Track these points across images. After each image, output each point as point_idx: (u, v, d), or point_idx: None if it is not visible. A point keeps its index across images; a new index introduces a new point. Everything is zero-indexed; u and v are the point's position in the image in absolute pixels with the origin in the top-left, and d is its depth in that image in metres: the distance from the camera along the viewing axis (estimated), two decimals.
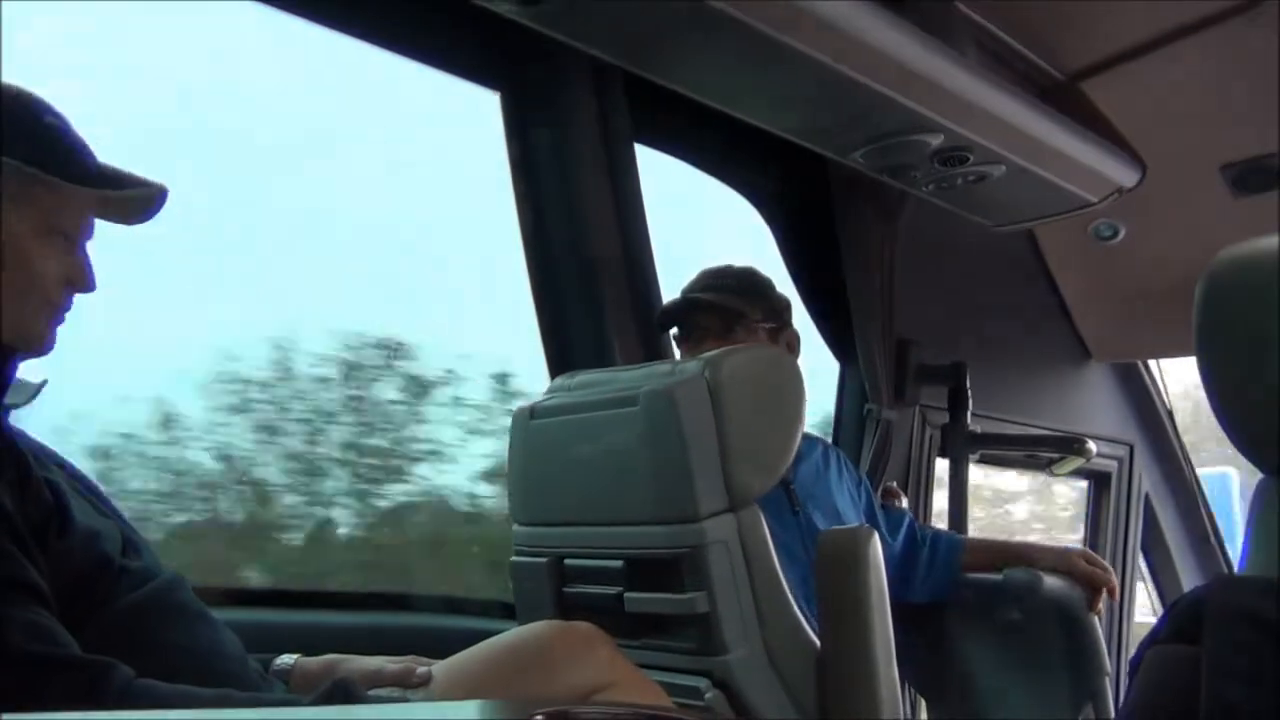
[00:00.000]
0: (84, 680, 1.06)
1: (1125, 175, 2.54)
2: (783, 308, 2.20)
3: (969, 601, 2.29)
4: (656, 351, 2.31)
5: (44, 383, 1.31)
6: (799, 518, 2.05)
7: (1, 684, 1.04)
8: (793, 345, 2.20)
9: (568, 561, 1.79)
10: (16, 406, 1.26)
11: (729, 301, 2.10)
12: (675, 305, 2.17)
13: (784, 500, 2.05)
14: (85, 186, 1.26)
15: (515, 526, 1.90)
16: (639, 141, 2.40)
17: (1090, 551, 2.21)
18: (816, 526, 1.98)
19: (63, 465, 1.31)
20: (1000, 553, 2.29)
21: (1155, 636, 0.96)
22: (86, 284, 1.29)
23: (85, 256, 1.30)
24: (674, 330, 2.18)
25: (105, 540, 1.23)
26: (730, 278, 2.17)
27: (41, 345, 1.27)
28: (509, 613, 1.99)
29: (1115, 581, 2.16)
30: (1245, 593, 0.92)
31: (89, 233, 1.31)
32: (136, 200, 1.33)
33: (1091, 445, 2.83)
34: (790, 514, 2.05)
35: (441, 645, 1.51)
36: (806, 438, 2.20)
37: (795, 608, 1.64)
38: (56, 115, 1.28)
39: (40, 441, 1.30)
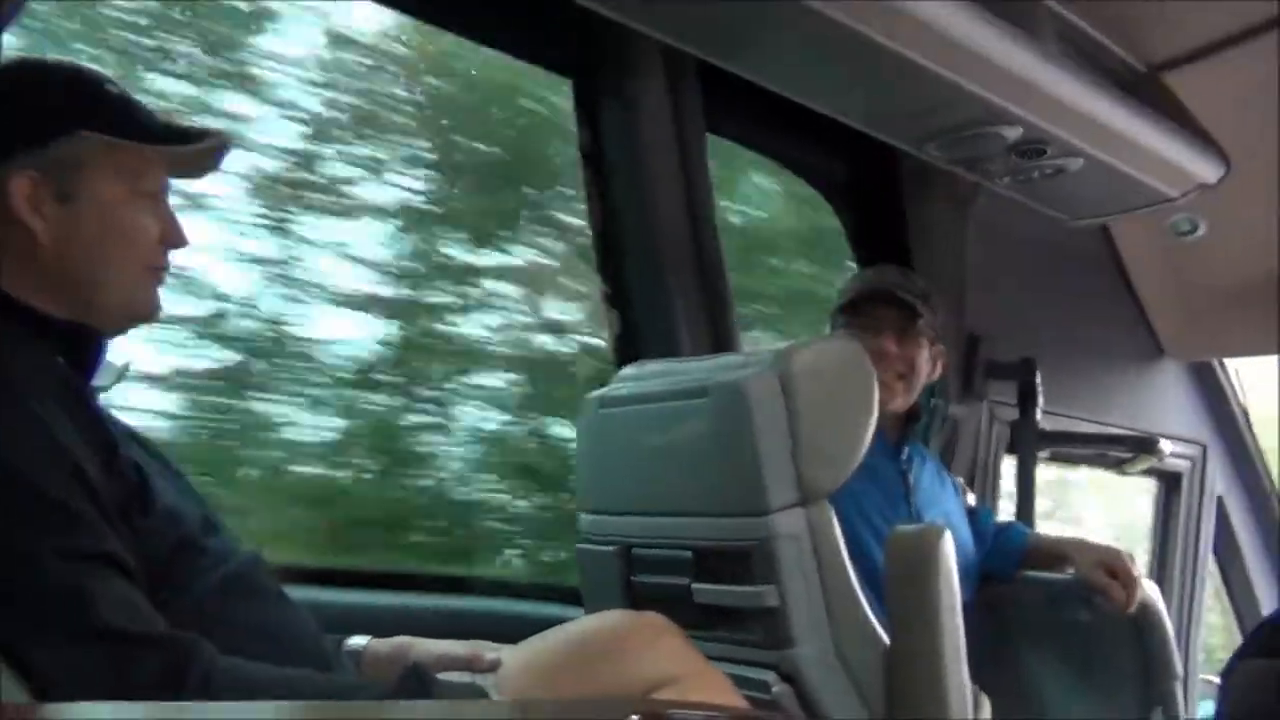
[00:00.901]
0: (169, 657, 1.08)
1: (1208, 170, 2.48)
2: (940, 328, 2.25)
3: (1037, 601, 2.26)
4: (726, 342, 2.31)
5: (127, 365, 1.34)
6: (911, 512, 2.08)
7: (88, 658, 1.06)
8: (940, 364, 2.24)
9: (636, 551, 1.79)
10: (105, 389, 1.29)
11: (916, 304, 2.16)
12: (868, 291, 2.19)
13: (900, 489, 2.10)
14: (162, 145, 1.28)
15: (582, 515, 1.91)
16: (711, 131, 2.39)
17: (1117, 561, 2.12)
18: None
19: (145, 445, 1.33)
20: (1050, 548, 2.27)
21: (1245, 650, 0.95)
22: (181, 239, 1.31)
23: (171, 212, 1.31)
24: (842, 317, 2.20)
25: (186, 520, 1.25)
26: (916, 282, 2.24)
27: (152, 311, 1.30)
28: (572, 598, 2.00)
29: (1121, 596, 2.08)
30: None
31: (167, 189, 1.33)
32: (205, 153, 1.35)
33: (1164, 445, 2.78)
34: (904, 503, 2.09)
35: (505, 628, 1.53)
36: (917, 447, 2.21)
37: (865, 604, 1.63)
38: (114, 83, 1.31)
39: (125, 421, 1.33)
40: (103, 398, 1.29)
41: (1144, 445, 2.79)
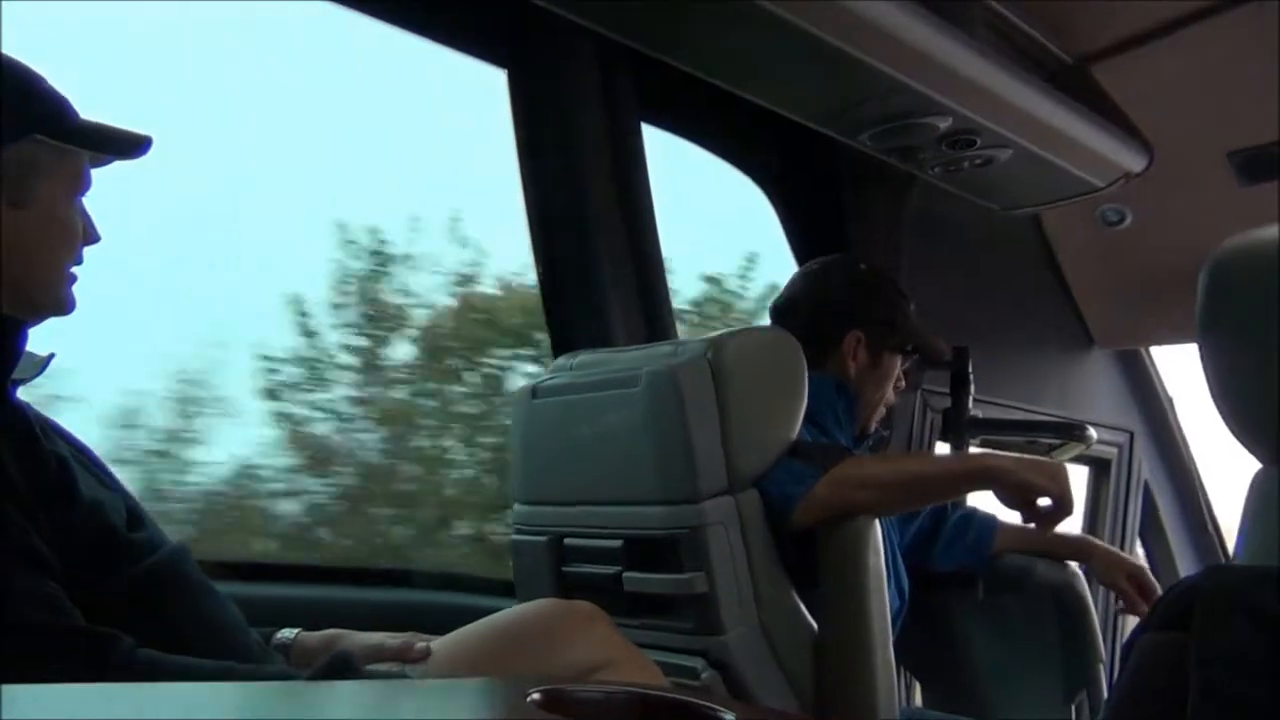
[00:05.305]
0: (87, 651, 1.07)
1: (1133, 160, 2.53)
2: None
3: (964, 585, 2.29)
4: (662, 332, 2.31)
5: (51, 356, 1.32)
6: None
7: (6, 653, 1.05)
8: None
9: (567, 541, 1.80)
10: (25, 381, 1.27)
11: None
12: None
13: None
14: (99, 152, 1.28)
15: (516, 505, 1.91)
16: (646, 121, 2.40)
17: (1144, 577, 2.15)
18: None
19: (67, 438, 1.31)
20: (1031, 541, 2.22)
21: (1146, 624, 0.96)
22: (97, 235, 1.32)
23: (87, 209, 1.31)
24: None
25: (110, 512, 1.24)
26: None
27: (71, 305, 1.29)
28: (510, 590, 2.00)
29: (1143, 612, 2.11)
30: (1236, 580, 0.92)
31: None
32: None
33: (1092, 432, 2.83)
34: None
35: (442, 621, 1.52)
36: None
37: (793, 590, 1.64)
38: (44, 79, 1.29)
39: (45, 414, 1.31)
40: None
41: (1073, 432, 2.83)
